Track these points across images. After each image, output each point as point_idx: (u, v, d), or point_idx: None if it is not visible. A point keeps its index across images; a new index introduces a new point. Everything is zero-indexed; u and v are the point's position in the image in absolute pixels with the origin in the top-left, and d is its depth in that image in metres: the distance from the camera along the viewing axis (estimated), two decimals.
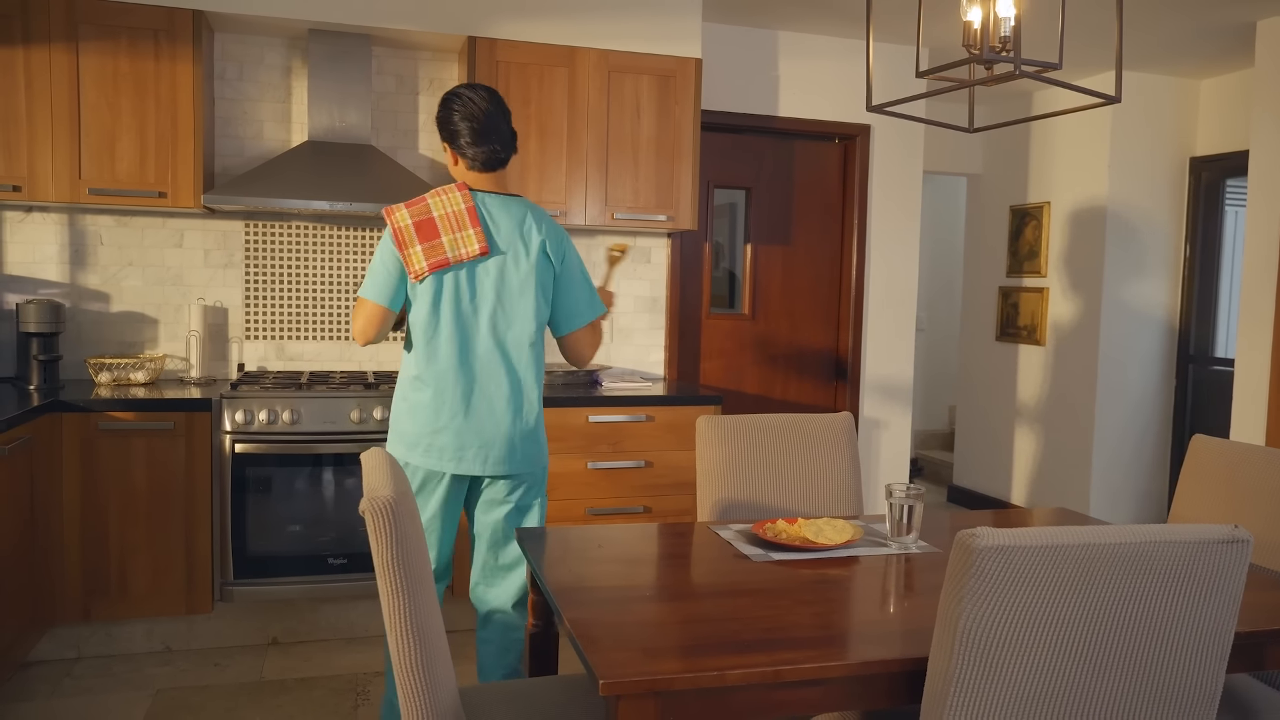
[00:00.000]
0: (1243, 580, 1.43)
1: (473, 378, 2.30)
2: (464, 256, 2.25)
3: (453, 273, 2.27)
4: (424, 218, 2.25)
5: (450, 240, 2.24)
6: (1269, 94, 4.01)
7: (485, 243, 2.25)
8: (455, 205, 2.27)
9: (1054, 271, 5.24)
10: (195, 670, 3.17)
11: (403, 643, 1.50)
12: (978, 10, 1.89)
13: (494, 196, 2.34)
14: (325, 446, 3.26)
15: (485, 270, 2.28)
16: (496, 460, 2.33)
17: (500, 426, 2.32)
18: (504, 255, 2.29)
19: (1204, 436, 2.41)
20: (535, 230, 2.33)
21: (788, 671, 1.44)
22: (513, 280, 2.30)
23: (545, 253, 2.32)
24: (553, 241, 2.35)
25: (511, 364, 2.33)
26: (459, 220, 2.25)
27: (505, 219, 2.32)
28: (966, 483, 5.90)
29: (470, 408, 2.30)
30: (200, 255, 3.69)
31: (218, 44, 3.64)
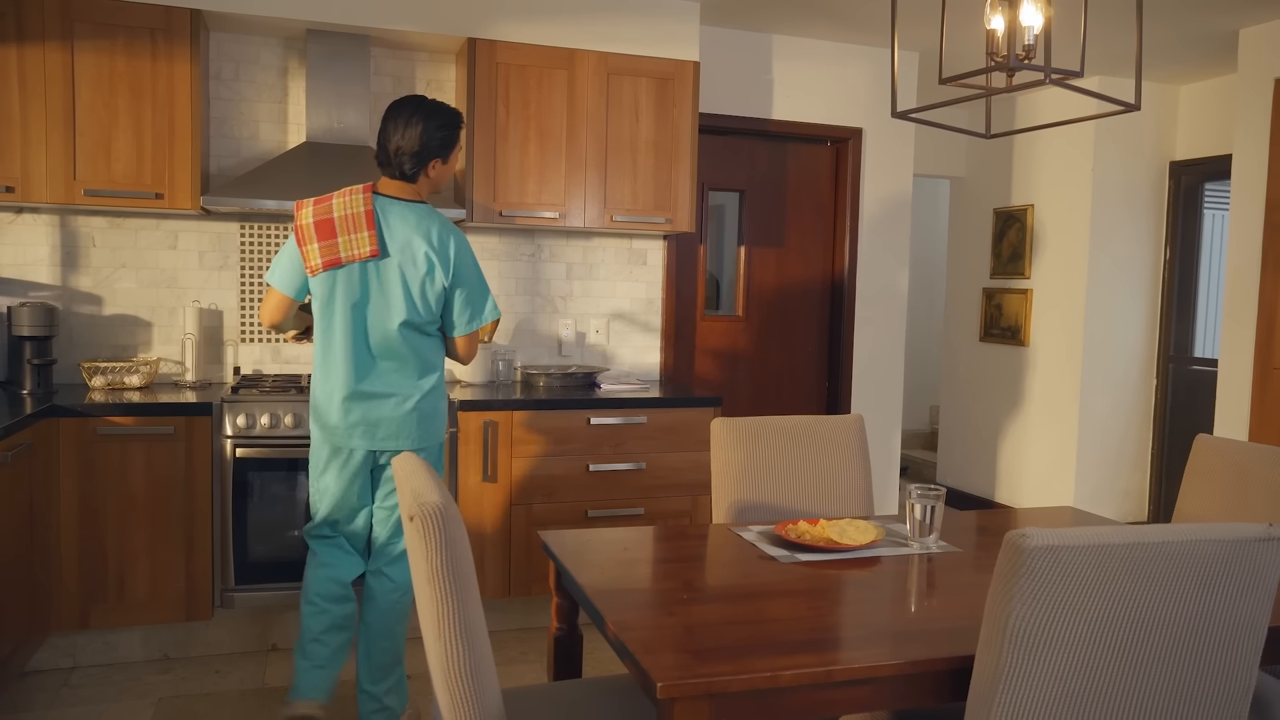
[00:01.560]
0: (1276, 576, 1.47)
1: (359, 366, 2.49)
2: (355, 257, 2.42)
3: (345, 270, 2.44)
4: (325, 218, 2.43)
5: (345, 240, 2.41)
6: (1252, 101, 4.10)
7: (376, 246, 2.41)
8: (355, 208, 2.43)
9: (1037, 273, 5.33)
10: (196, 678, 3.13)
11: (452, 649, 1.50)
12: (1000, 19, 1.92)
13: (395, 202, 2.49)
14: None
15: (375, 270, 2.44)
16: (383, 438, 2.53)
17: (382, 410, 2.51)
18: (393, 259, 2.45)
19: (1207, 436, 2.47)
20: (428, 239, 2.46)
21: (839, 671, 1.46)
22: (398, 282, 2.45)
23: (433, 261, 2.46)
24: (445, 252, 2.48)
25: (392, 355, 2.50)
26: (355, 222, 2.41)
27: (401, 225, 2.46)
28: (950, 482, 5.98)
29: (358, 392, 2.50)
30: (195, 257, 3.64)
31: (213, 44, 3.60)
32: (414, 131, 2.46)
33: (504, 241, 4.01)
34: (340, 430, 2.54)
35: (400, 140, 2.46)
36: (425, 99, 2.53)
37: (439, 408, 2.63)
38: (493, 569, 3.44)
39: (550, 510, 3.48)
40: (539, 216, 3.68)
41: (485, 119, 3.58)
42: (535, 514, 3.47)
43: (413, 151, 2.46)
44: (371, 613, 2.66)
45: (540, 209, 3.68)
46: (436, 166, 2.53)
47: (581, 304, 4.13)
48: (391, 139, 2.47)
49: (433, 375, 2.59)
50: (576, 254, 4.11)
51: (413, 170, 2.49)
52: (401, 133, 2.46)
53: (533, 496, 3.46)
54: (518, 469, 3.43)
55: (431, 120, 2.48)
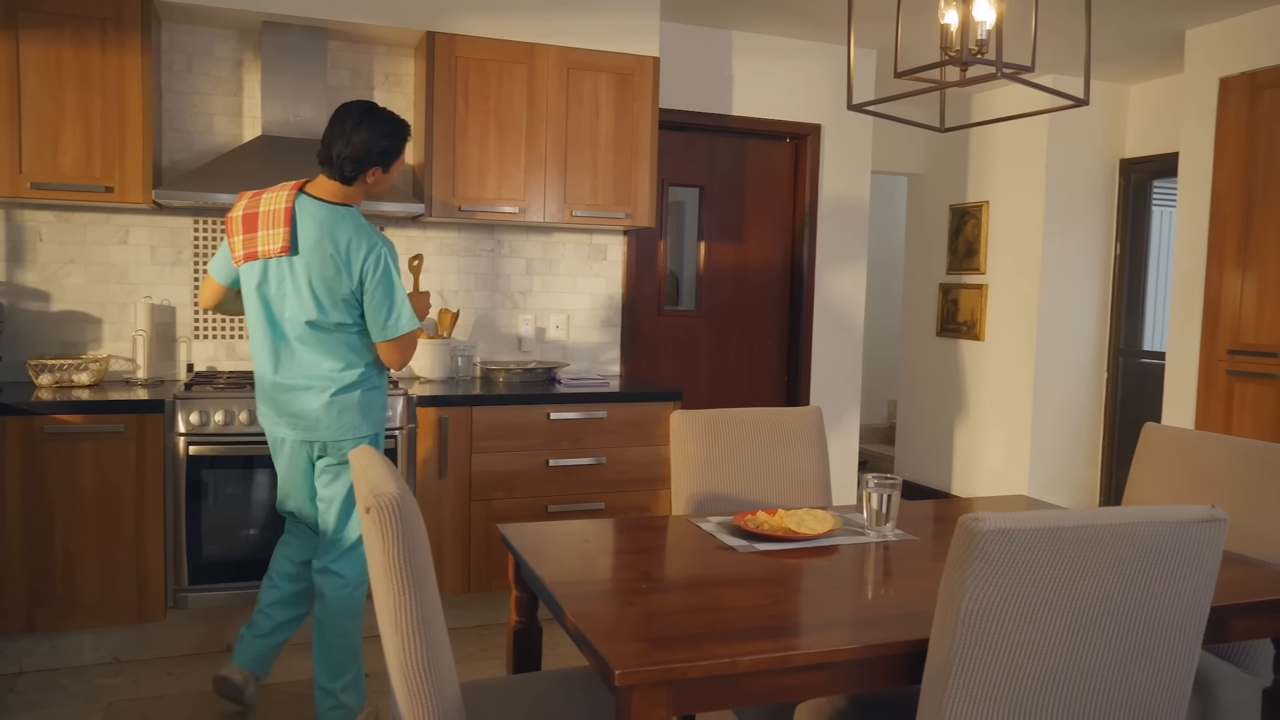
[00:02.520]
0: (1219, 557, 1.51)
1: (275, 358, 2.57)
2: (270, 252, 2.50)
3: (261, 264, 2.53)
4: (252, 211, 2.53)
5: (263, 235, 2.50)
6: (1198, 100, 4.20)
7: (287, 243, 2.48)
8: (277, 204, 2.51)
9: (992, 269, 5.41)
10: (148, 680, 3.07)
11: (409, 642, 1.49)
12: (954, 14, 1.94)
13: (318, 203, 2.53)
14: None
15: (289, 266, 2.51)
16: (304, 429, 2.59)
17: (300, 402, 2.57)
18: (302, 257, 2.49)
19: (1155, 424, 2.53)
20: (336, 243, 2.49)
21: (796, 657, 1.47)
22: (306, 280, 2.50)
23: (338, 265, 2.49)
24: (350, 258, 2.49)
25: (308, 348, 2.55)
26: (275, 218, 2.49)
27: (315, 226, 2.50)
28: (908, 475, 6.05)
29: (277, 384, 2.58)
30: (146, 252, 3.58)
31: (165, 35, 3.53)
32: (359, 137, 2.49)
33: (463, 237, 3.98)
34: (269, 418, 2.65)
35: (344, 144, 2.49)
36: (375, 106, 2.55)
37: (363, 402, 2.62)
38: (452, 565, 3.42)
39: (510, 506, 3.47)
40: (499, 211, 3.66)
41: (444, 113, 3.56)
42: (495, 510, 3.45)
43: (355, 156, 2.50)
44: (322, 610, 2.66)
45: (500, 204, 3.66)
46: (376, 174, 2.56)
47: (541, 299, 4.12)
48: (336, 141, 2.50)
49: (353, 370, 2.59)
50: (536, 249, 4.10)
51: (352, 174, 2.52)
52: (347, 137, 2.49)
53: (492, 492, 3.44)
54: (477, 465, 3.42)
55: (378, 128, 2.51)
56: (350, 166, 2.51)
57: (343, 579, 2.66)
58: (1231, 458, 2.29)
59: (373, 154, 2.51)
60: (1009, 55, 4.12)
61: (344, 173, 2.52)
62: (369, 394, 2.64)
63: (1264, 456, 2.22)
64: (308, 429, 2.60)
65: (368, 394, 2.64)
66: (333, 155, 2.50)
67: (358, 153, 2.49)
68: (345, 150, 2.49)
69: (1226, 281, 4.05)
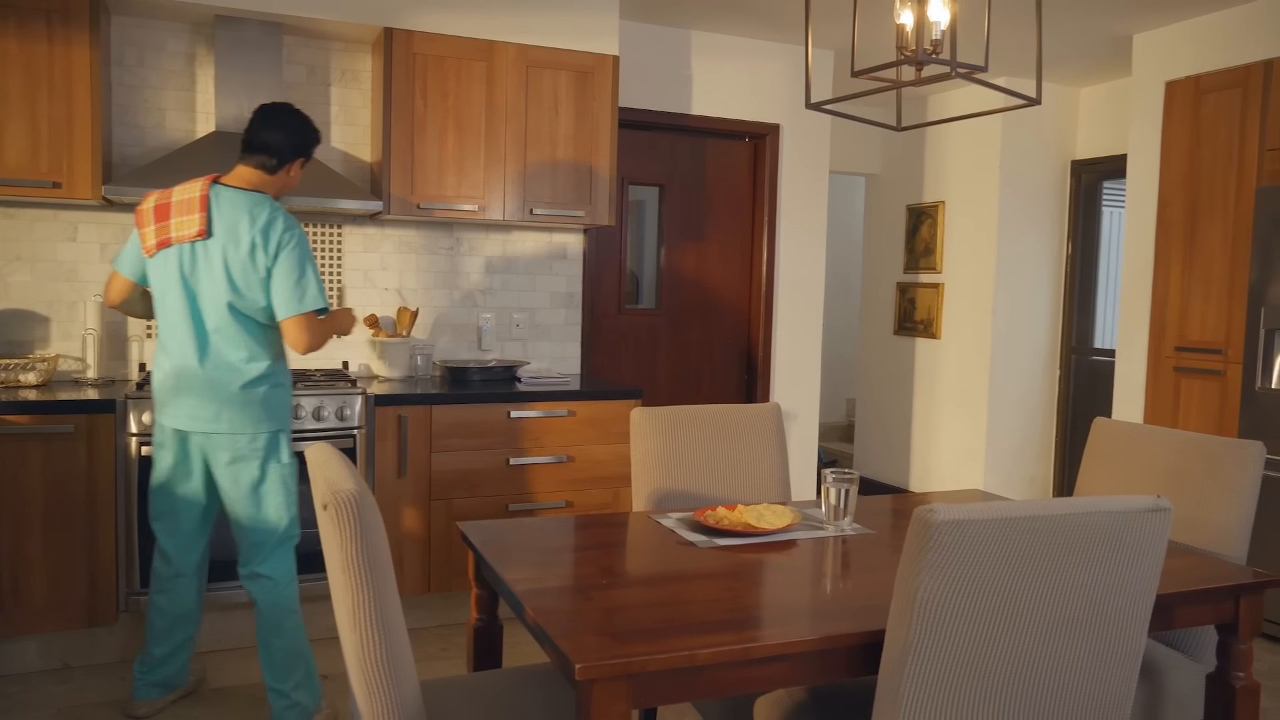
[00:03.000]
0: (1164, 546, 1.55)
1: (188, 345, 2.55)
2: (184, 238, 2.53)
3: (174, 250, 2.55)
4: (164, 202, 2.57)
5: (176, 222, 2.54)
6: (1145, 103, 4.30)
7: (204, 227, 2.52)
8: (191, 193, 2.56)
9: (949, 268, 5.49)
10: (99, 686, 3.01)
11: (367, 639, 1.48)
12: (910, 14, 1.97)
13: (234, 190, 2.58)
14: None
15: (203, 250, 2.53)
16: (208, 419, 2.57)
17: (211, 390, 2.56)
18: (219, 240, 2.53)
19: (1104, 419, 2.58)
20: (254, 222, 2.53)
21: (756, 649, 1.48)
22: (221, 263, 2.53)
23: (255, 243, 2.53)
24: (269, 234, 2.54)
25: (221, 337, 2.56)
26: (189, 206, 2.54)
27: (231, 209, 2.54)
28: (867, 472, 6.12)
29: (186, 372, 2.56)
30: (96, 249, 3.50)
31: (115, 28, 3.46)
32: (296, 124, 2.65)
33: (422, 235, 3.95)
34: (174, 412, 2.59)
35: (272, 132, 2.61)
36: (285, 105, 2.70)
37: (270, 397, 2.63)
38: (412, 565, 3.40)
39: (471, 505, 3.45)
40: (458, 209, 3.64)
41: (402, 110, 3.53)
42: (455, 509, 3.43)
43: (293, 144, 2.63)
44: (258, 614, 2.67)
45: (459, 202, 3.64)
46: (296, 167, 2.68)
47: (501, 298, 4.11)
48: (267, 130, 2.61)
49: (261, 363, 2.61)
50: (496, 247, 4.08)
51: (276, 166, 2.63)
52: (275, 127, 2.61)
53: (453, 491, 3.43)
54: (437, 464, 3.40)
55: (305, 123, 2.68)
56: (289, 152, 2.63)
57: (272, 580, 2.66)
58: (1178, 450, 2.35)
59: (298, 145, 2.65)
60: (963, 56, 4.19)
61: (280, 158, 2.62)
62: (276, 390, 2.64)
63: (1208, 449, 2.28)
64: (212, 420, 2.56)
65: (275, 389, 2.64)
66: (267, 142, 2.59)
67: (295, 140, 2.64)
68: (274, 138, 2.60)
69: (1173, 281, 4.15)
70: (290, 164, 2.66)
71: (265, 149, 2.60)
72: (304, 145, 2.68)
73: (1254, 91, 3.80)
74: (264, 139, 2.60)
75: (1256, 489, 2.19)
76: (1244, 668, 1.95)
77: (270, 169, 2.62)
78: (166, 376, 2.59)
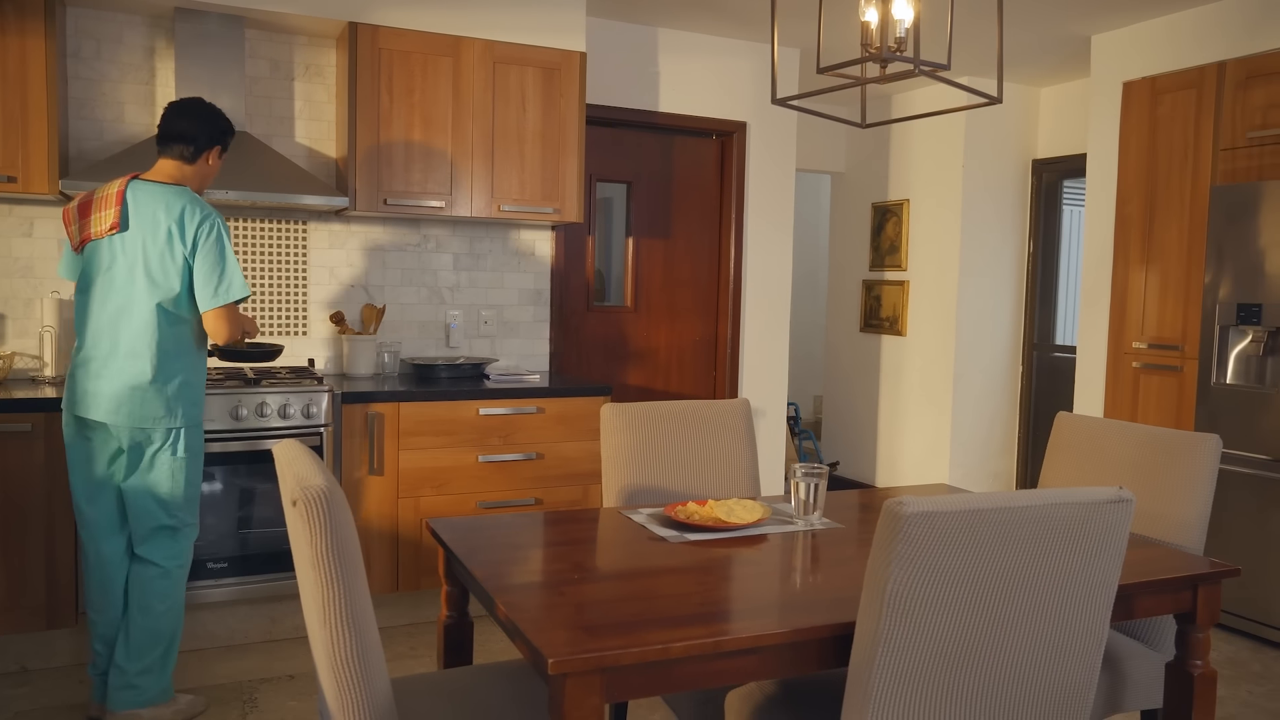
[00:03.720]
0: (1126, 536, 1.59)
1: (101, 336, 2.60)
2: (100, 233, 2.60)
3: (93, 245, 2.62)
4: (86, 199, 2.64)
5: (95, 218, 2.61)
6: (1103, 103, 4.38)
7: (117, 221, 2.59)
8: (110, 190, 2.62)
9: (914, 265, 5.55)
10: (58, 689, 2.95)
11: (338, 635, 1.46)
12: (874, 12, 1.99)
13: (152, 185, 2.64)
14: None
15: (120, 245, 2.59)
16: (126, 413, 2.59)
17: (120, 380, 2.58)
18: (134, 233, 2.59)
19: (1066, 413, 2.63)
20: (170, 214, 2.60)
21: (727, 642, 1.49)
22: (140, 255, 2.59)
23: (172, 234, 2.60)
24: (185, 226, 2.60)
25: (138, 330, 2.59)
26: (106, 201, 2.61)
27: (149, 202, 2.61)
28: (835, 469, 6.17)
29: (99, 361, 2.59)
30: (53, 245, 3.44)
31: (71, 20, 3.40)
32: (207, 112, 2.71)
33: (389, 231, 3.92)
34: (88, 400, 2.59)
35: (185, 120, 2.67)
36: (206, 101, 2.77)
37: (184, 385, 2.66)
38: (380, 563, 3.37)
39: (440, 503, 3.43)
40: (424, 206, 3.62)
41: (368, 106, 3.50)
42: (424, 507, 3.41)
43: (197, 132, 2.68)
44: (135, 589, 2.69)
45: (426, 198, 3.62)
46: (214, 156, 2.74)
47: (469, 295, 4.09)
48: (177, 119, 2.66)
49: (182, 357, 2.66)
50: (463, 244, 4.06)
51: (194, 153, 2.69)
52: (187, 116, 2.68)
53: (421, 489, 3.41)
54: (405, 461, 3.37)
55: (213, 111, 2.73)
56: (204, 139, 2.69)
57: (160, 567, 2.70)
58: (1137, 444, 2.40)
59: (214, 134, 2.71)
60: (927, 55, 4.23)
61: (188, 148, 2.67)
62: (191, 379, 2.69)
63: (1166, 443, 2.33)
64: (129, 413, 2.58)
65: (190, 379, 2.69)
66: (182, 131, 2.65)
67: (208, 127, 2.69)
68: (189, 127, 2.66)
69: (1132, 278, 4.23)
70: (207, 151, 2.71)
71: (181, 138, 2.66)
72: (218, 132, 2.72)
73: (1208, 92, 3.88)
74: (179, 128, 2.65)
75: (1213, 481, 2.24)
76: (1201, 656, 1.99)
77: (188, 158, 2.68)
78: (88, 365, 2.60)
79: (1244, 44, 3.77)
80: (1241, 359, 3.64)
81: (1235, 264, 3.64)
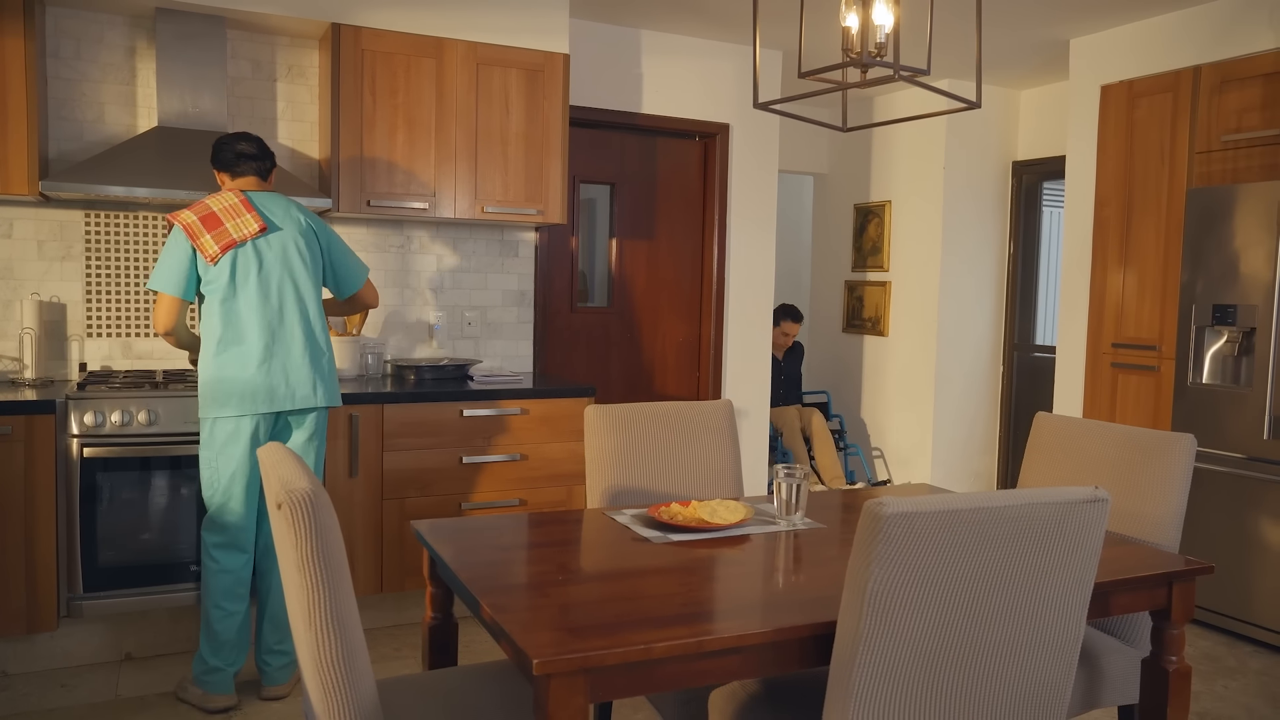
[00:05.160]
0: (1102, 535, 1.61)
1: (271, 330, 2.78)
2: (247, 235, 2.75)
3: (240, 249, 2.76)
4: (206, 213, 2.74)
5: (233, 225, 2.74)
6: (1082, 105, 4.43)
7: (262, 222, 2.77)
8: (229, 200, 2.77)
9: (895, 266, 5.59)
10: (39, 693, 2.94)
11: (323, 637, 1.47)
12: (855, 17, 2.01)
13: (260, 193, 2.86)
14: (184, 448, 3.10)
15: (267, 244, 2.79)
16: (303, 397, 2.82)
17: (300, 369, 2.81)
18: (281, 231, 2.82)
19: (1045, 414, 2.66)
20: (302, 212, 2.89)
21: (710, 641, 1.50)
22: (292, 249, 2.83)
23: (311, 229, 2.88)
24: (315, 222, 2.91)
25: (303, 315, 2.83)
26: (235, 210, 2.75)
27: (274, 205, 2.85)
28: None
29: (273, 355, 2.78)
30: (33, 247, 3.41)
31: (51, 19, 3.38)
32: (257, 142, 2.89)
33: (372, 232, 3.92)
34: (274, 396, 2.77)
35: (249, 144, 2.87)
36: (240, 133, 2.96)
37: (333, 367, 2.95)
38: (364, 565, 3.37)
39: (424, 504, 3.43)
40: (408, 207, 3.62)
41: (351, 107, 3.50)
42: (408, 508, 3.41)
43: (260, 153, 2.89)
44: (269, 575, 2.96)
45: (409, 199, 3.62)
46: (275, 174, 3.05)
47: (452, 296, 4.09)
48: (241, 143, 2.86)
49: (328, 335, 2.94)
50: (447, 245, 4.06)
51: (267, 170, 2.91)
52: (249, 141, 2.87)
53: (405, 491, 3.41)
54: (389, 463, 3.37)
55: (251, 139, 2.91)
56: (270, 159, 2.91)
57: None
58: (1115, 444, 2.43)
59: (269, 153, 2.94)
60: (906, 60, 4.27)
61: (264, 166, 2.90)
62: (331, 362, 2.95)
63: (1144, 442, 2.37)
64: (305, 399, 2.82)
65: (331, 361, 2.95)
66: (248, 153, 2.85)
67: (266, 149, 2.91)
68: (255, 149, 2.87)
69: (1110, 279, 4.28)
70: (273, 169, 2.95)
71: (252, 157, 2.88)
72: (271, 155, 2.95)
73: (1184, 96, 3.93)
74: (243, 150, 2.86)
75: (1188, 480, 2.28)
76: (1177, 652, 2.02)
77: (264, 174, 2.91)
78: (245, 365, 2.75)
79: (1218, 49, 3.82)
80: (1217, 359, 3.69)
81: (1211, 265, 3.69)
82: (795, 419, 5.60)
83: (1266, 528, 3.49)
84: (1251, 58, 3.69)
